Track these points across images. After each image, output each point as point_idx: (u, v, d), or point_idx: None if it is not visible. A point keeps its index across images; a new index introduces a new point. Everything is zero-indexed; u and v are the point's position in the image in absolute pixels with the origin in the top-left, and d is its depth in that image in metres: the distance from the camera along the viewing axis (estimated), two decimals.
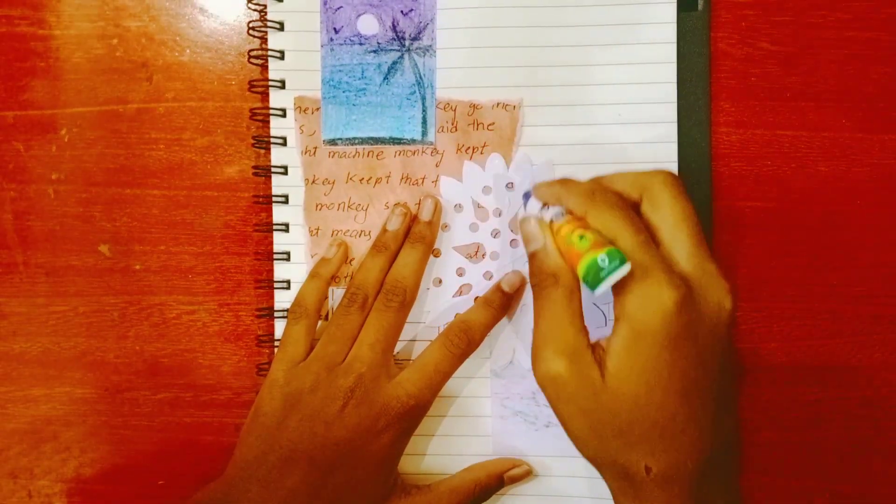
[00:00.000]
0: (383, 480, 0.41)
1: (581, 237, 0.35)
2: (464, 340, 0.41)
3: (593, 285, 0.33)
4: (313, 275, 0.44)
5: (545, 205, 0.38)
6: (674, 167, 0.43)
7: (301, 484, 0.39)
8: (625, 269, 0.33)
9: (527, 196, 0.39)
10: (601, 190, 0.36)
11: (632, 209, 0.36)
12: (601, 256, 0.33)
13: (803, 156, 0.44)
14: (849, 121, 0.44)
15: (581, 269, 0.34)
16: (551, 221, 0.37)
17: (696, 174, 0.44)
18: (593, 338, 0.35)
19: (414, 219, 0.44)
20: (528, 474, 0.44)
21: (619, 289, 0.33)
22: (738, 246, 0.44)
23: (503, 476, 0.43)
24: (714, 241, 0.44)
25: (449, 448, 0.45)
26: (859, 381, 0.44)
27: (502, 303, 0.43)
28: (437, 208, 0.44)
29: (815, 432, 0.44)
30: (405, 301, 0.42)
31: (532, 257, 0.37)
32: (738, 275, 0.44)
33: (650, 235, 0.35)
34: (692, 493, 0.35)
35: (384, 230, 0.44)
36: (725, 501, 0.36)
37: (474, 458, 0.44)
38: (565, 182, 0.38)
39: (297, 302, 0.43)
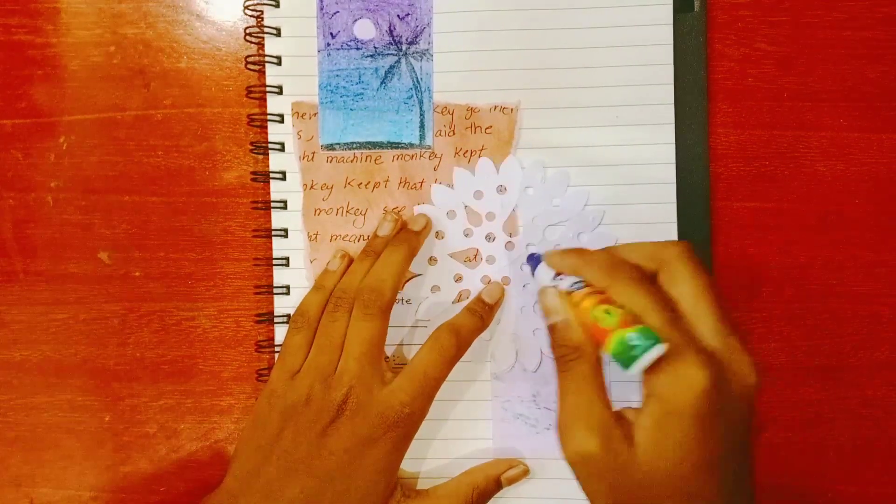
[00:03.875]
0: (383, 487, 0.41)
1: (607, 312, 0.34)
2: (453, 344, 0.41)
3: (626, 364, 0.32)
4: (317, 287, 0.43)
5: (558, 273, 0.38)
6: (672, 168, 0.43)
7: (300, 494, 0.39)
8: (659, 349, 0.32)
9: (534, 260, 0.39)
10: (622, 263, 0.36)
11: (652, 283, 0.35)
12: (631, 335, 0.32)
13: (801, 156, 0.44)
14: (846, 120, 0.44)
15: (611, 347, 0.33)
16: (570, 292, 0.36)
17: (694, 175, 0.44)
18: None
19: (401, 227, 0.44)
20: (525, 474, 0.44)
21: (648, 366, 0.33)
22: (737, 246, 0.44)
23: (500, 478, 0.43)
24: (713, 242, 0.44)
25: (450, 451, 0.45)
26: (859, 381, 0.44)
27: (486, 312, 0.43)
28: (428, 224, 0.44)
29: (815, 432, 0.44)
30: (384, 305, 0.41)
31: (552, 329, 0.37)
32: (738, 275, 0.44)
33: (675, 311, 0.35)
34: None
35: (375, 235, 0.44)
36: None
37: (475, 461, 0.44)
38: (580, 252, 0.38)
39: (300, 312, 0.43)
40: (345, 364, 0.41)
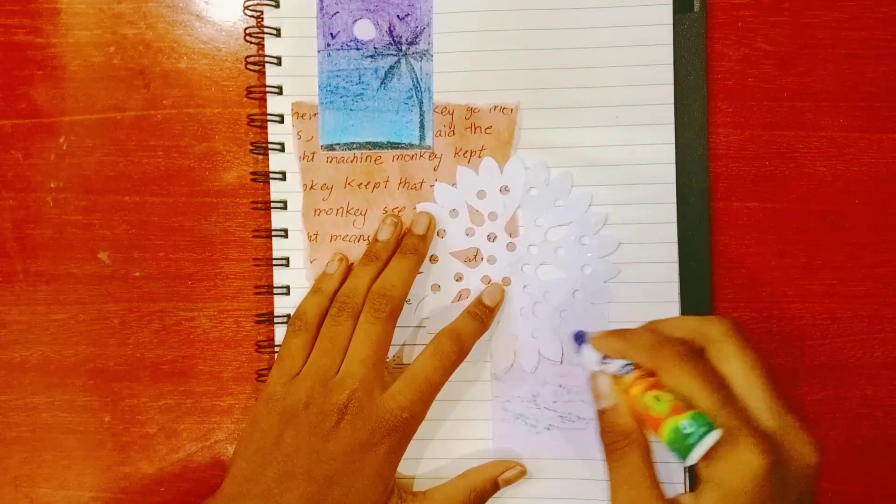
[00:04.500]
0: (381, 490, 0.40)
1: (657, 399, 0.34)
2: (455, 350, 0.41)
3: (682, 454, 0.32)
4: (315, 289, 0.43)
5: (605, 355, 0.38)
6: (671, 168, 0.43)
7: (300, 499, 0.39)
8: (715, 436, 0.32)
9: (579, 339, 0.39)
10: (667, 341, 0.36)
11: (701, 361, 0.35)
12: (684, 422, 0.32)
13: (801, 156, 0.44)
14: (846, 120, 0.44)
15: (665, 436, 0.33)
16: (619, 377, 0.36)
17: (694, 175, 0.44)
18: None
19: (406, 231, 0.44)
20: (522, 475, 0.44)
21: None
22: (737, 246, 0.44)
23: (498, 480, 0.43)
24: (713, 242, 0.44)
25: (450, 451, 0.45)
26: (859, 381, 0.44)
27: (486, 315, 0.43)
28: (431, 225, 0.44)
29: (815, 432, 0.44)
30: (393, 311, 0.41)
31: (602, 415, 0.37)
32: (738, 275, 0.44)
33: (727, 391, 0.34)
34: None
35: (375, 240, 0.44)
36: None
37: (475, 462, 0.44)
38: (623, 333, 0.37)
39: (298, 315, 0.43)
40: (348, 366, 0.40)
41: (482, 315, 0.43)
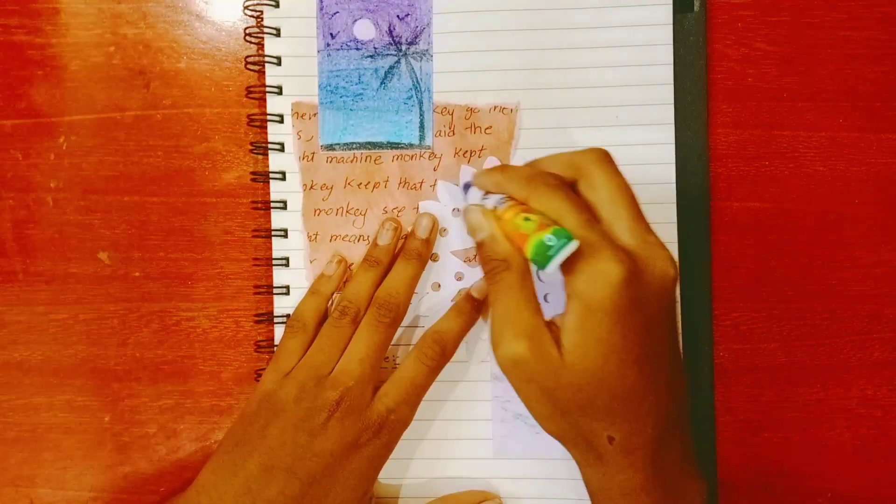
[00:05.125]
0: (360, 495, 0.40)
1: (526, 219, 0.35)
2: (437, 352, 0.41)
3: (542, 264, 0.34)
4: (313, 291, 0.43)
5: (486, 193, 0.39)
6: (671, 168, 0.43)
7: (279, 495, 0.39)
8: (572, 246, 0.33)
9: (467, 186, 0.40)
10: (540, 173, 0.37)
11: (570, 189, 0.36)
12: (547, 236, 0.34)
13: (801, 156, 0.44)
14: (846, 120, 0.44)
15: (529, 250, 0.34)
16: (495, 208, 0.38)
17: (694, 175, 0.44)
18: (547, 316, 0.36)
19: (409, 234, 0.44)
20: None
21: (567, 268, 0.34)
22: (737, 246, 0.44)
23: None
24: (713, 242, 0.44)
25: (450, 452, 0.45)
26: (859, 381, 0.44)
27: (473, 309, 0.43)
28: (434, 228, 0.44)
29: (815, 432, 0.44)
30: (396, 319, 0.42)
31: (480, 246, 0.38)
32: (738, 275, 0.44)
33: (591, 213, 0.36)
34: (652, 457, 0.36)
35: (375, 244, 0.44)
36: (682, 462, 0.37)
37: (475, 462, 0.45)
38: (503, 168, 0.39)
39: (296, 317, 0.43)
40: (346, 365, 0.40)
41: (469, 310, 0.43)
